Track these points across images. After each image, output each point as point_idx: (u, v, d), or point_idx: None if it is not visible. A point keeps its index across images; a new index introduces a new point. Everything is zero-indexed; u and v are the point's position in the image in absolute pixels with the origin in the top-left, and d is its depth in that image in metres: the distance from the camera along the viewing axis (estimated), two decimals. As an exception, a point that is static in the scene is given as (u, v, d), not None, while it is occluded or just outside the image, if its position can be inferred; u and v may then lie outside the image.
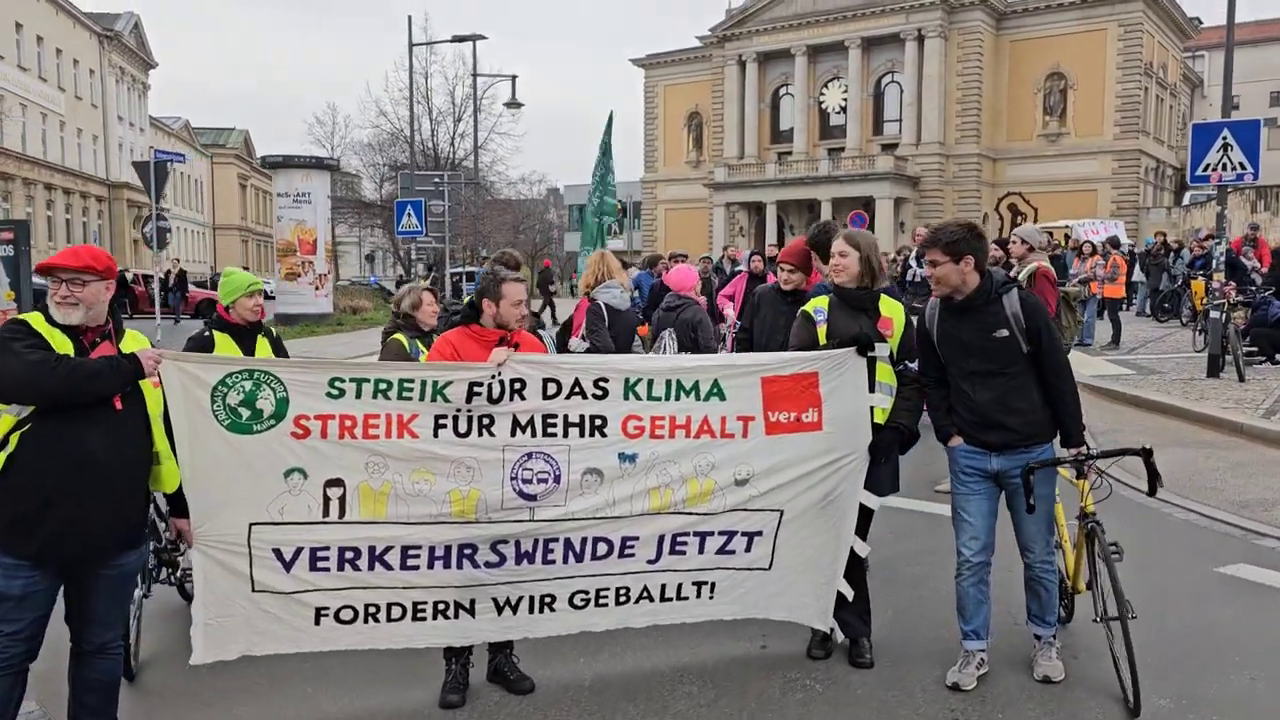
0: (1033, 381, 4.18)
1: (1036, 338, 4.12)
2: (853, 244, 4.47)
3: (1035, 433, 4.19)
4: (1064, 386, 4.21)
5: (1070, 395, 4.23)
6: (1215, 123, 12.55)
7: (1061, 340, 4.33)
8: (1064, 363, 4.26)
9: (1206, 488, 7.53)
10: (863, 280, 4.46)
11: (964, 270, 4.15)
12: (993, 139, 57.01)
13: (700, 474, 4.22)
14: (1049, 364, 4.17)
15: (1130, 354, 16.06)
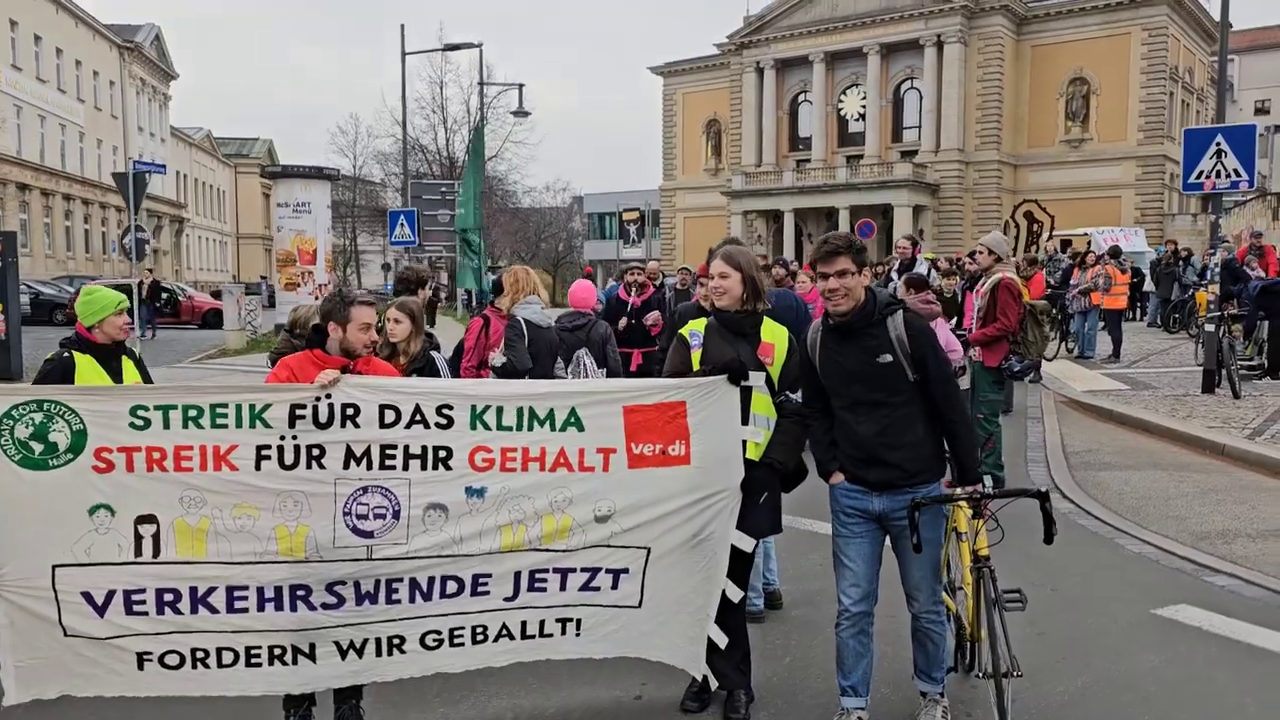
0: (920, 413, 3.80)
1: (923, 365, 3.74)
2: (733, 263, 4.14)
3: (920, 469, 3.81)
4: (956, 418, 3.83)
5: (963, 428, 3.86)
6: (1208, 128, 12.08)
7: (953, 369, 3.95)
8: (954, 392, 3.89)
9: (1169, 516, 7.11)
10: (744, 303, 4.13)
11: (865, 282, 3.84)
12: (1014, 145, 56.33)
13: (557, 510, 3.91)
14: (939, 393, 3.78)
15: (1130, 367, 15.55)
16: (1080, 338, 16.83)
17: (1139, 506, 7.41)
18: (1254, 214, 33.07)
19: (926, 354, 3.74)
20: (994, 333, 7.95)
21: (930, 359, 3.75)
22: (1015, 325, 7.98)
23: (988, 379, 8.15)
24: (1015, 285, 7.99)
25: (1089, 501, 7.58)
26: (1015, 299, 7.98)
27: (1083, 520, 7.10)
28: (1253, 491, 7.71)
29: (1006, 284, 7.99)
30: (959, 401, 3.89)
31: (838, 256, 3.78)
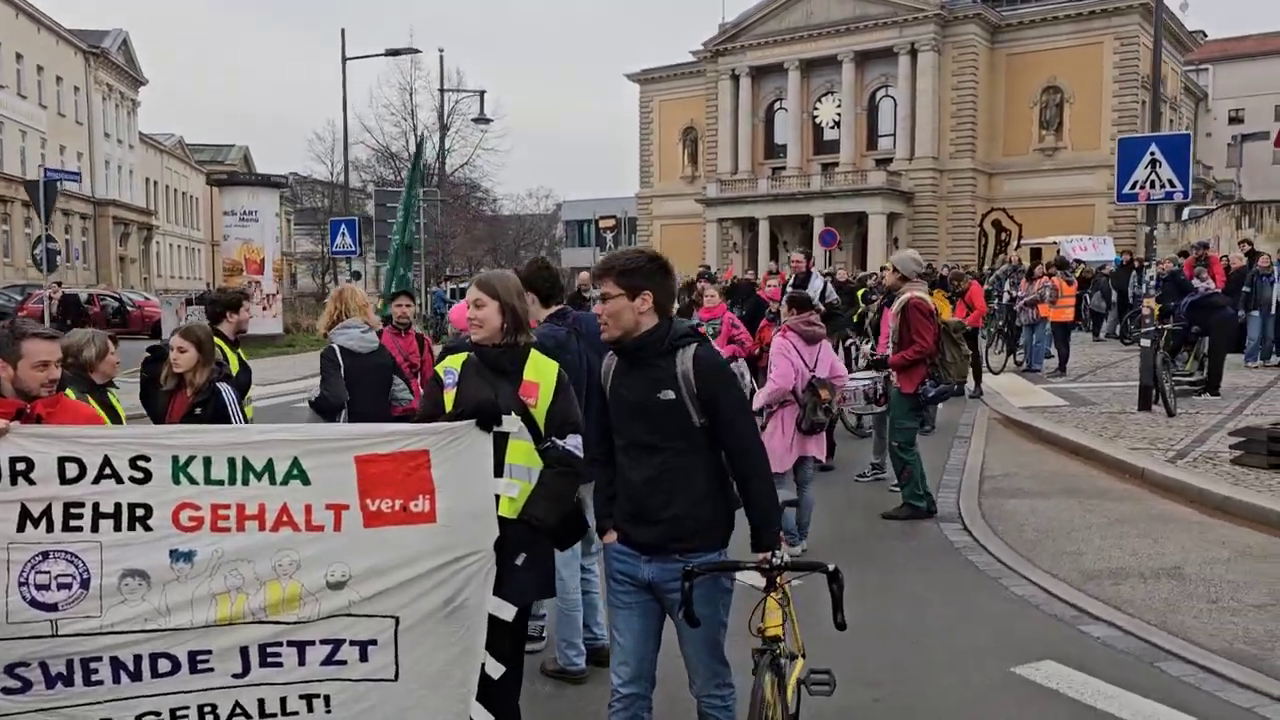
0: (704, 465, 3.28)
1: (712, 407, 3.21)
2: (489, 291, 3.63)
3: (694, 533, 3.28)
4: (751, 474, 3.27)
5: (760, 485, 3.28)
6: (1142, 137, 11.69)
7: (745, 410, 3.42)
8: (752, 446, 3.31)
9: (1066, 552, 6.64)
10: (505, 335, 3.63)
11: (639, 309, 3.28)
12: (988, 153, 56.13)
13: (282, 576, 3.40)
14: (732, 445, 3.25)
15: (1075, 381, 15.14)
16: (1028, 350, 16.41)
17: (1037, 540, 6.95)
18: (1219, 222, 32.85)
19: (718, 394, 3.21)
20: (913, 356, 7.49)
21: (722, 400, 3.22)
22: (933, 347, 7.53)
23: (904, 406, 7.70)
24: (925, 305, 7.54)
25: (987, 535, 7.11)
26: (928, 319, 7.52)
27: (975, 556, 6.63)
28: (1161, 523, 7.25)
29: (915, 304, 7.53)
30: (757, 455, 3.32)
31: (602, 278, 3.34)
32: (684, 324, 3.38)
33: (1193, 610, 5.40)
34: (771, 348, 6.79)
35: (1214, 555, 6.37)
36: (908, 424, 7.64)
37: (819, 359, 6.73)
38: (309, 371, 18.64)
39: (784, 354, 6.62)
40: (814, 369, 6.68)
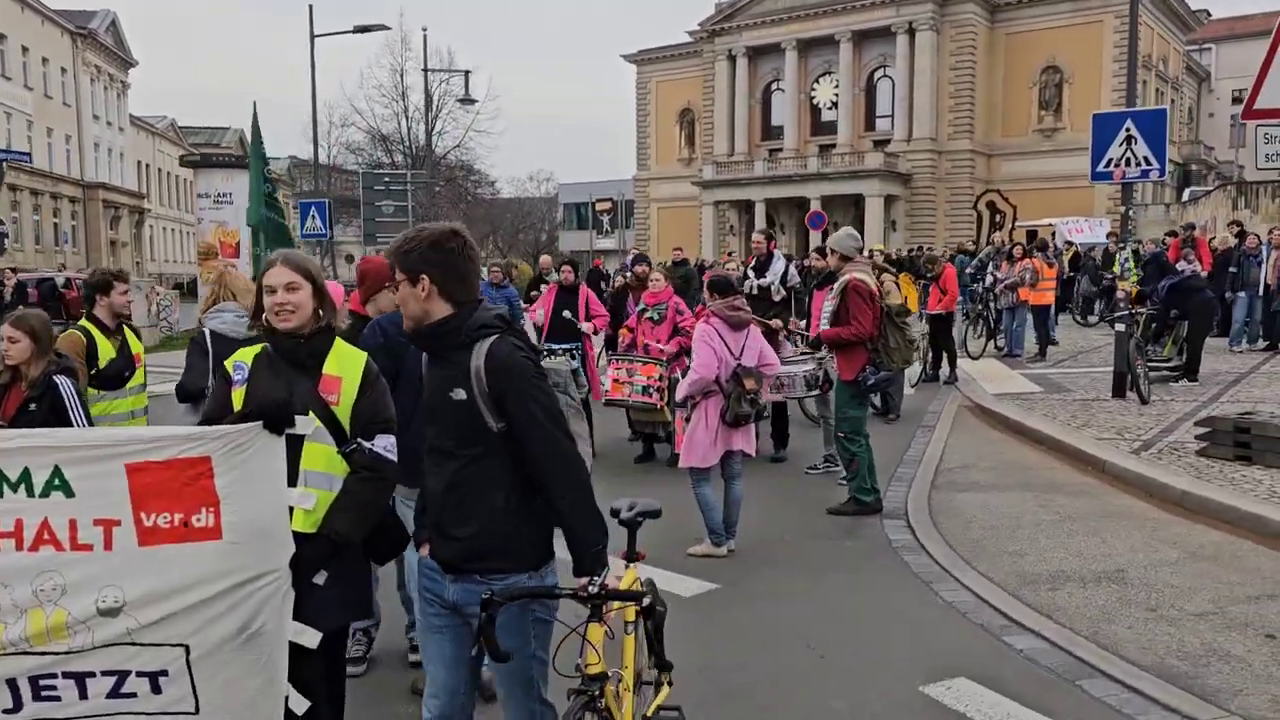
0: (503, 476, 2.82)
1: (506, 410, 2.77)
2: (303, 272, 3.19)
3: (492, 553, 2.83)
4: (557, 487, 2.78)
5: (571, 500, 2.79)
6: (1117, 112, 11.21)
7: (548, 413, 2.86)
8: (558, 453, 2.80)
9: (1008, 552, 6.22)
10: (316, 323, 3.21)
11: (420, 295, 2.84)
12: (987, 134, 55.45)
13: (46, 602, 2.98)
14: (531, 453, 2.78)
15: (1055, 366, 14.69)
16: (1008, 335, 15.96)
17: (981, 539, 6.53)
18: (1216, 203, 32.24)
19: (507, 395, 2.76)
20: (848, 336, 7.05)
21: (513, 402, 2.76)
22: (870, 330, 7.09)
23: (845, 393, 7.27)
24: (865, 287, 7.09)
25: (930, 533, 6.69)
26: (867, 301, 7.09)
27: (911, 557, 6.21)
28: (1113, 520, 6.82)
29: (854, 286, 7.09)
30: (558, 468, 2.80)
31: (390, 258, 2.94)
32: (489, 313, 2.90)
33: (1129, 619, 4.98)
34: (694, 335, 6.36)
35: (1162, 557, 5.94)
36: (852, 412, 7.22)
37: (745, 346, 6.30)
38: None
39: (706, 341, 6.19)
40: (740, 357, 6.25)
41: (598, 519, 2.82)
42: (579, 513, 2.80)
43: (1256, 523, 6.31)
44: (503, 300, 11.35)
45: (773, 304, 9.21)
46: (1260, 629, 4.77)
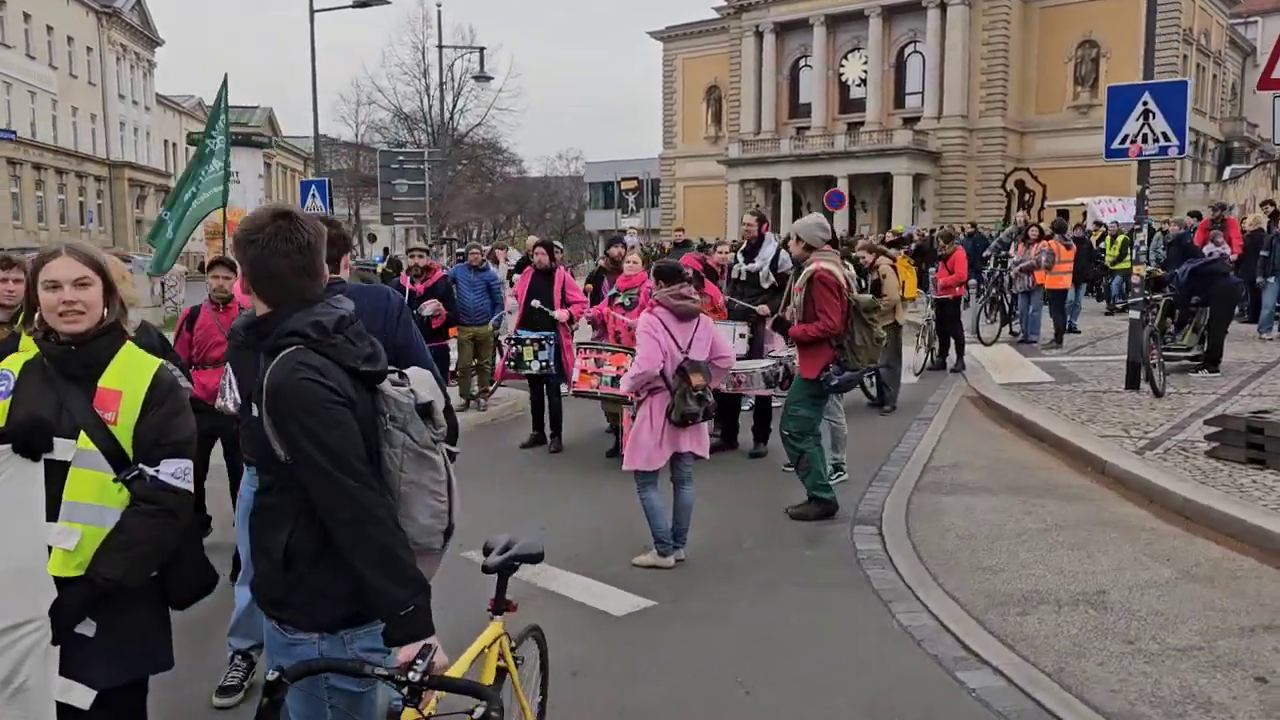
0: (293, 514, 2.32)
1: (286, 439, 2.26)
2: (94, 266, 2.69)
3: (276, 601, 2.37)
4: (343, 540, 2.24)
5: (361, 556, 2.23)
6: (1134, 85, 10.45)
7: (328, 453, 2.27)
8: (340, 500, 2.23)
9: (982, 567, 5.64)
10: (102, 324, 2.71)
11: (244, 290, 2.45)
12: (1020, 111, 54.11)
13: None
14: (314, 491, 2.26)
15: (1071, 354, 13.97)
16: (1024, 320, 15.23)
17: (955, 551, 5.95)
18: (1256, 182, 31.07)
19: (284, 424, 2.24)
20: (815, 333, 6.49)
21: (289, 435, 2.23)
22: (839, 325, 6.52)
23: (803, 391, 6.71)
24: (831, 278, 6.51)
25: (901, 542, 6.13)
26: (834, 294, 6.51)
27: (875, 571, 5.65)
28: (1104, 530, 6.21)
29: (820, 277, 6.52)
30: (349, 517, 2.24)
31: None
32: (308, 317, 2.35)
33: (1102, 653, 4.40)
34: (637, 326, 5.81)
35: (1150, 576, 5.34)
36: (804, 412, 6.64)
37: (694, 338, 5.75)
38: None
39: (650, 333, 5.64)
40: (687, 350, 5.70)
41: (404, 573, 2.27)
42: (374, 569, 2.25)
43: (1262, 537, 5.68)
44: (481, 284, 10.87)
45: (762, 290, 8.61)
46: (1250, 669, 4.18)
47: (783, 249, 8.63)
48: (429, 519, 2.37)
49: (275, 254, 2.35)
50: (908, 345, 12.88)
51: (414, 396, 2.39)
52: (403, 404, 2.36)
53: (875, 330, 6.76)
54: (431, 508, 2.37)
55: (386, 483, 2.34)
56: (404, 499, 2.34)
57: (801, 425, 6.67)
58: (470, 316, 10.88)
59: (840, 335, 6.53)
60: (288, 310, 2.36)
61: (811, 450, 6.67)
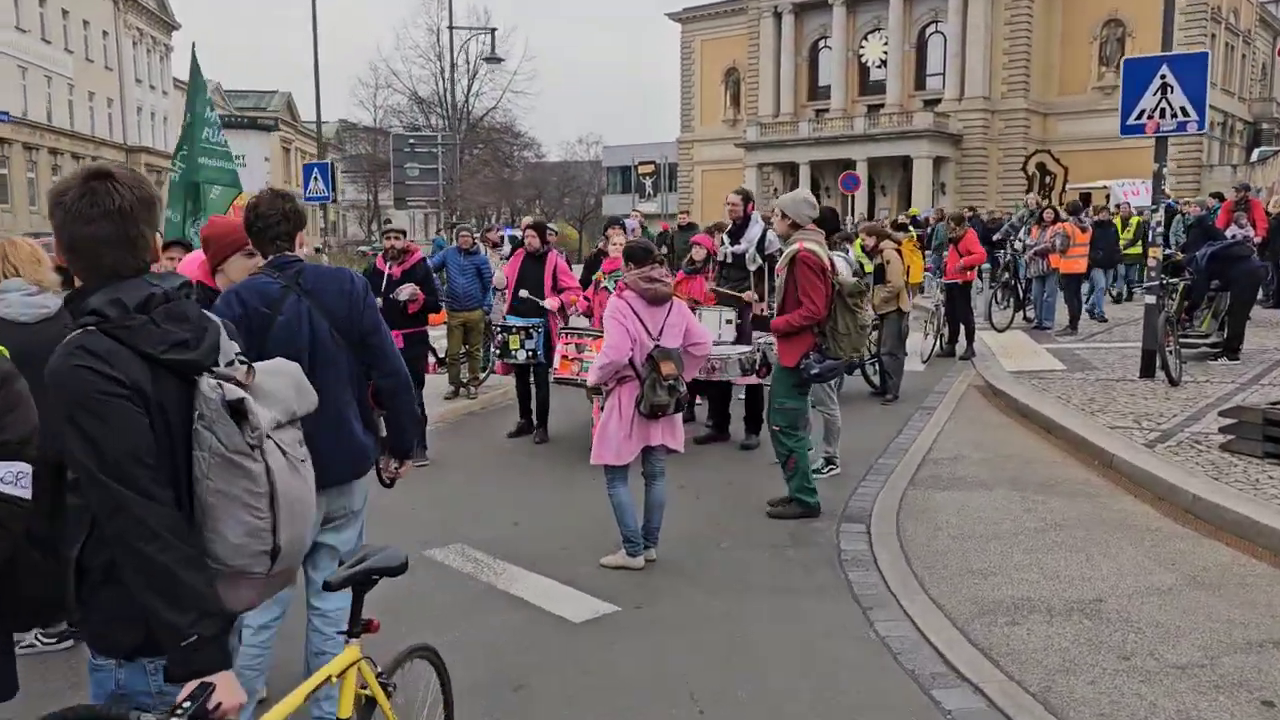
0: (86, 521, 2.05)
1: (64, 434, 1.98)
2: None
3: (79, 618, 2.10)
4: (118, 553, 1.96)
5: (134, 570, 1.94)
6: (1152, 57, 9.93)
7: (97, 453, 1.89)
8: (110, 507, 1.94)
9: (971, 570, 5.26)
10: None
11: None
12: (1043, 93, 53.10)
13: None
14: (86, 496, 1.99)
15: (1086, 340, 13.50)
16: (1038, 305, 14.76)
17: (945, 551, 5.57)
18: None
19: (60, 414, 1.97)
20: (800, 320, 6.11)
21: (66, 424, 1.96)
22: (823, 310, 6.14)
23: (785, 382, 6.32)
24: (815, 259, 6.12)
25: (889, 542, 5.76)
26: (819, 276, 6.12)
27: (858, 574, 5.29)
28: (1107, 530, 5.81)
29: (803, 258, 6.12)
30: (120, 526, 1.94)
31: None
32: (111, 294, 2.04)
33: (1093, 670, 4.02)
34: (605, 311, 5.45)
35: (1153, 582, 4.95)
36: (790, 404, 6.27)
37: (666, 324, 5.39)
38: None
39: (618, 318, 5.28)
40: (659, 336, 5.34)
41: (184, 598, 1.94)
42: (147, 591, 1.94)
43: (1276, 540, 5.27)
44: (471, 268, 10.54)
45: (748, 274, 8.23)
46: (1256, 690, 3.79)
47: (769, 230, 8.21)
48: (241, 537, 2.03)
49: (81, 219, 2.05)
50: (915, 331, 12.49)
51: (221, 392, 2.04)
52: (210, 400, 2.02)
53: (860, 317, 6.35)
54: (246, 524, 2.03)
55: (195, 491, 2.00)
56: (209, 511, 2.01)
57: (790, 418, 6.30)
58: (460, 301, 10.58)
59: (821, 321, 6.15)
60: (96, 286, 2.05)
61: (801, 449, 6.30)
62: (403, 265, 7.87)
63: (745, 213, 8.23)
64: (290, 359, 3.33)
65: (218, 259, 3.79)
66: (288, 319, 3.32)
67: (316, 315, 3.40)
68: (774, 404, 6.38)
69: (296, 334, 3.33)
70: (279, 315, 3.30)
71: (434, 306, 8.16)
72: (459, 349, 10.69)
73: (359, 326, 3.49)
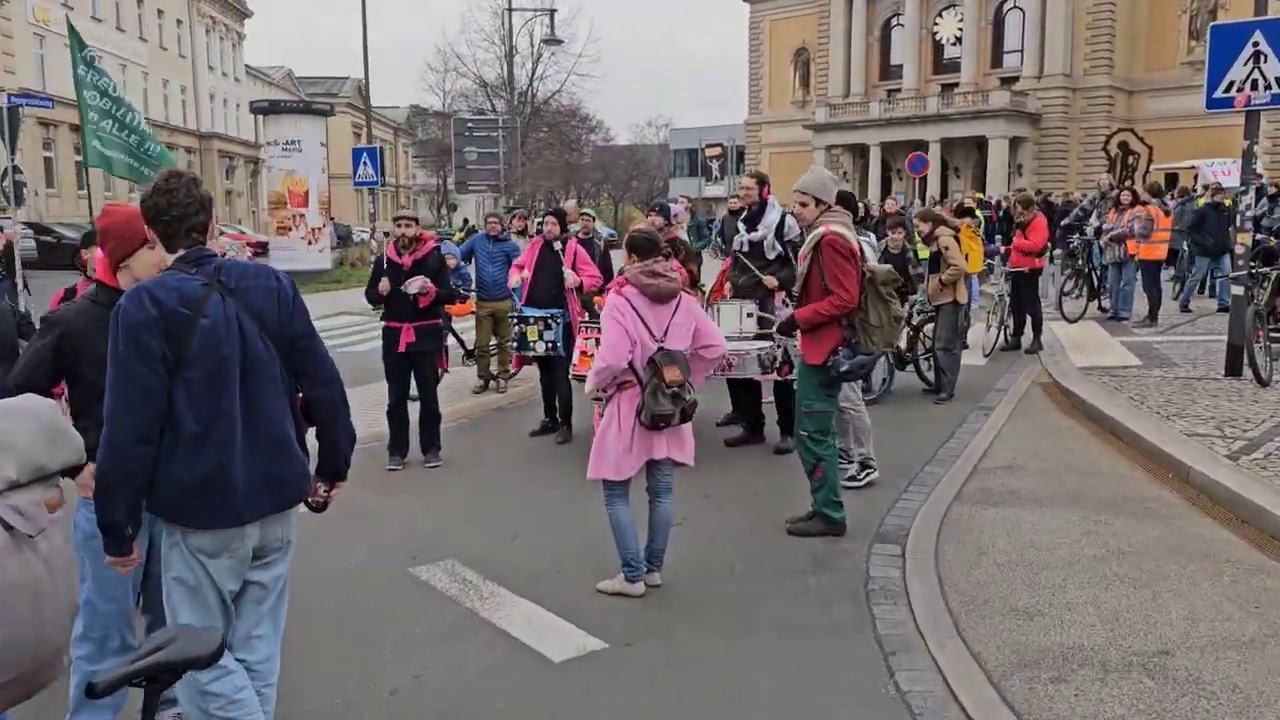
0: None
1: None
2: None
3: None
4: None
5: None
6: (1242, 23, 8.99)
7: None
8: None
9: (1018, 608, 4.57)
10: None
11: None
12: (1128, 69, 50.77)
13: None
14: None
15: (1167, 332, 12.51)
16: (1115, 294, 13.76)
17: (988, 583, 4.89)
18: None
19: None
20: (831, 310, 5.46)
21: None
22: (856, 299, 5.48)
23: (811, 381, 5.68)
24: (844, 243, 5.45)
25: (925, 570, 5.09)
26: (849, 261, 5.46)
27: (884, 610, 4.64)
28: (1181, 560, 5.06)
29: (831, 241, 5.46)
30: None
31: None
32: None
33: (1154, 750, 3.35)
34: (603, 309, 4.87)
35: (1232, 632, 4.21)
36: (819, 405, 5.62)
37: (671, 324, 4.79)
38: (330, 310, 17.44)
39: (616, 317, 4.71)
40: (663, 338, 4.75)
41: None
42: None
43: (1383, 580, 4.49)
44: (500, 255, 10.04)
45: (768, 263, 7.56)
46: (1359, 786, 3.08)
47: (789, 215, 7.49)
48: None
49: None
50: (977, 322, 11.69)
51: None
52: None
53: (894, 307, 5.65)
54: None
55: None
56: None
57: (820, 422, 5.67)
58: (489, 291, 10.11)
59: (853, 311, 5.50)
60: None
61: (831, 457, 5.67)
62: (415, 255, 7.38)
63: (761, 197, 7.56)
64: (218, 368, 2.84)
65: (121, 254, 3.30)
66: (213, 322, 2.83)
67: (245, 318, 2.90)
68: (801, 407, 5.74)
69: (224, 340, 2.84)
70: (201, 317, 2.81)
71: (446, 299, 7.66)
72: (488, 340, 10.22)
73: (289, 330, 3.00)
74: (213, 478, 2.80)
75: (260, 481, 2.91)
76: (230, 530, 2.88)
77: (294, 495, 3.04)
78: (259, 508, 2.92)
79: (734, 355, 6.95)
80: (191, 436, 2.78)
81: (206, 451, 2.80)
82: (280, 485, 2.96)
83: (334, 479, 3.24)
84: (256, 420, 2.91)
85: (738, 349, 7.01)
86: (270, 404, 2.94)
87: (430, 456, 7.60)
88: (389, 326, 7.43)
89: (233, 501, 2.84)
